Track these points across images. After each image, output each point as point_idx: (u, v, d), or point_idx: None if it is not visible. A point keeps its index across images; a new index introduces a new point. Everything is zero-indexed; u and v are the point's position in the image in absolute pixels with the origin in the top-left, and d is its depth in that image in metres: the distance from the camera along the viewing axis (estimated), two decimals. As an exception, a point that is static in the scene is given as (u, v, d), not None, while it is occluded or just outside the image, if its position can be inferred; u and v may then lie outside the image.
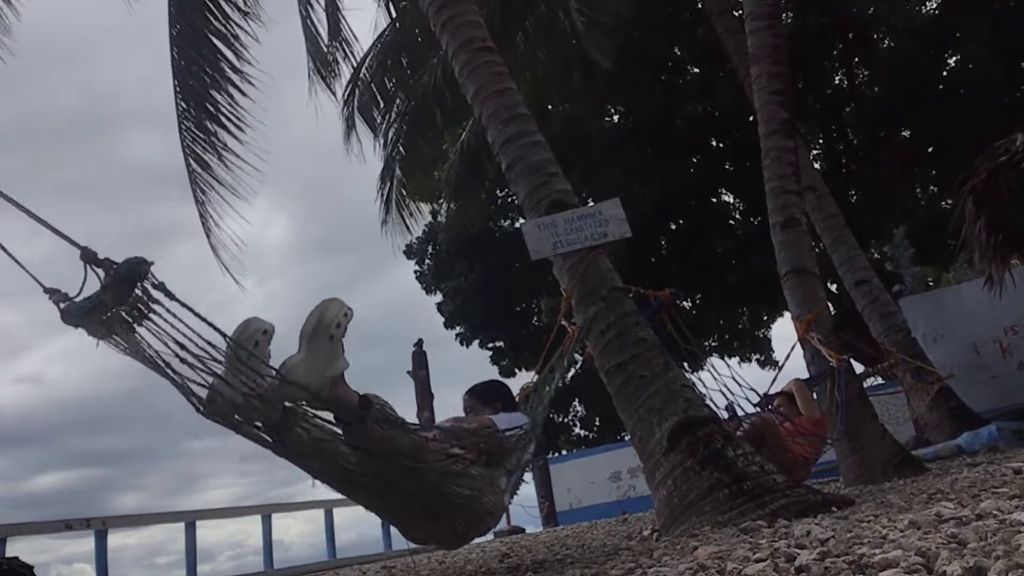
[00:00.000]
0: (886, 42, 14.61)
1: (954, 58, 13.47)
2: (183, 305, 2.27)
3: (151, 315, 2.27)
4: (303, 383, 2.46)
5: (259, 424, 2.50)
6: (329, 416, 2.61)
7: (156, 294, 2.25)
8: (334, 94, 10.04)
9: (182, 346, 2.29)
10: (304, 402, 2.52)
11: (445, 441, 2.84)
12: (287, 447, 2.56)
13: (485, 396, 3.69)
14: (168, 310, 2.27)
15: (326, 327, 2.55)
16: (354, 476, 2.69)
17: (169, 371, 2.33)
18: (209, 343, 2.32)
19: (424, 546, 3.37)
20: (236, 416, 2.44)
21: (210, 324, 2.31)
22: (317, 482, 2.72)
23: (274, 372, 2.43)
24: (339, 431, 2.60)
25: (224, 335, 2.35)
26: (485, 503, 2.90)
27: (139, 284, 2.23)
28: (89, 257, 2.22)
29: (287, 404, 2.50)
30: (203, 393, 2.38)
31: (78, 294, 2.23)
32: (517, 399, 3.85)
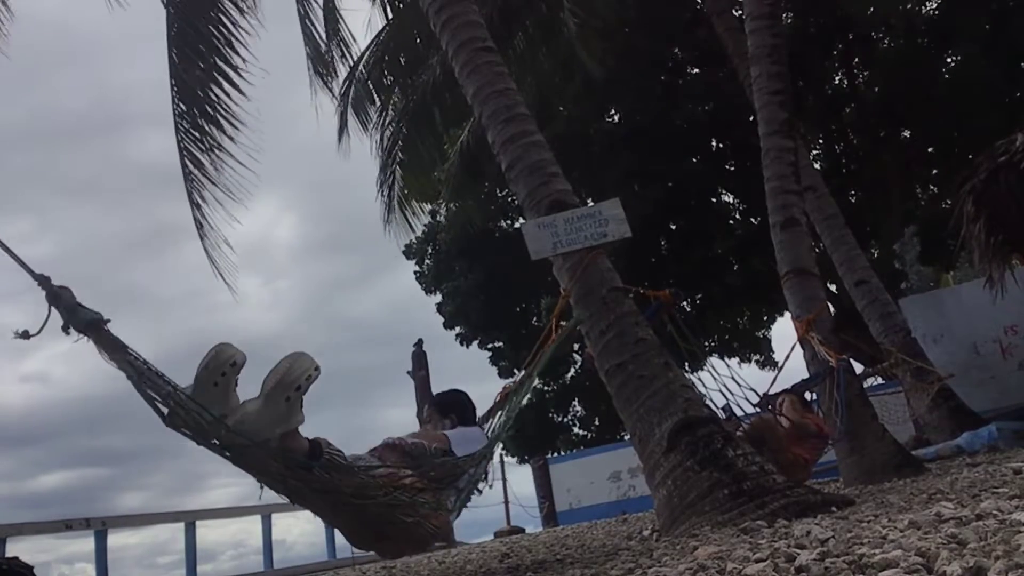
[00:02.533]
0: (886, 42, 14.60)
1: (954, 58, 13.47)
2: (139, 359, 2.46)
3: (111, 351, 2.46)
4: (252, 435, 2.54)
5: (214, 442, 2.58)
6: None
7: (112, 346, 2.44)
8: (336, 93, 10.06)
9: (141, 374, 2.45)
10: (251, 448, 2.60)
11: (396, 472, 2.89)
12: (242, 462, 2.65)
13: (441, 408, 3.72)
14: (127, 352, 2.46)
15: (287, 386, 2.58)
16: (302, 495, 2.81)
17: (134, 383, 2.47)
18: (169, 382, 2.50)
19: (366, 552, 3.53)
20: (193, 433, 2.54)
21: (162, 377, 2.49)
22: (267, 489, 2.79)
23: (223, 425, 2.51)
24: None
25: (175, 388, 2.50)
26: (428, 528, 2.97)
27: (91, 334, 2.43)
28: (52, 297, 2.38)
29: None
30: (165, 407, 2.51)
31: (39, 331, 2.39)
32: (494, 401, 3.87)
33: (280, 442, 2.59)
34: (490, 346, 17.17)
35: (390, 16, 10.34)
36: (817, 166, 13.18)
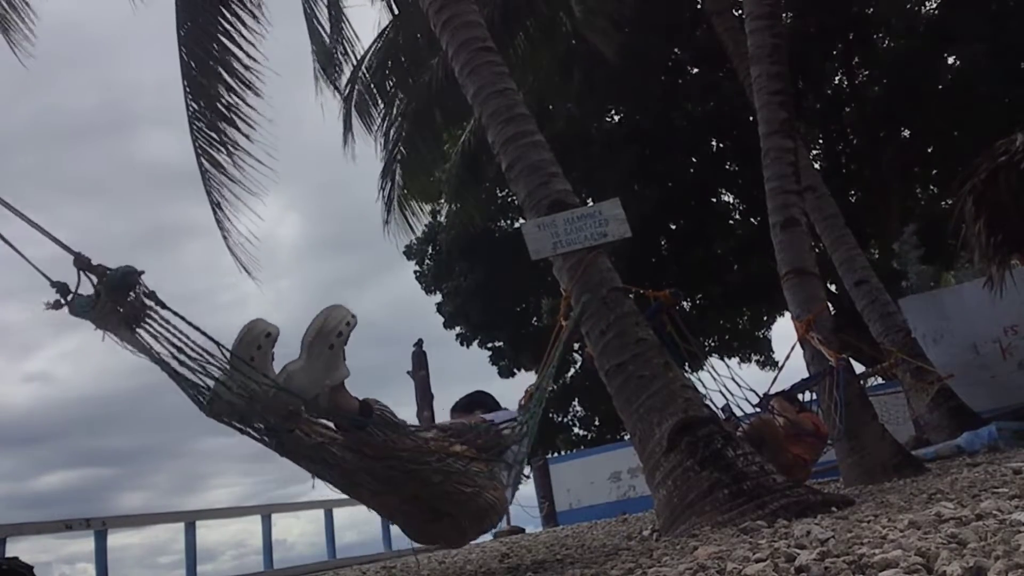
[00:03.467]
0: (886, 42, 14.61)
1: (954, 58, 13.47)
2: (175, 314, 2.31)
3: (146, 320, 2.30)
4: (300, 392, 2.46)
5: (259, 426, 2.51)
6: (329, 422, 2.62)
7: (148, 302, 2.29)
8: (339, 93, 10.07)
9: (179, 349, 2.32)
10: (303, 408, 2.52)
11: (445, 439, 2.85)
12: (287, 449, 2.57)
13: (468, 407, 3.72)
14: (162, 316, 2.31)
15: (327, 335, 2.54)
16: (356, 478, 2.70)
17: (170, 371, 2.36)
18: (206, 349, 2.35)
19: (428, 546, 3.38)
20: (236, 418, 2.46)
21: (203, 332, 2.34)
22: (318, 481, 2.71)
23: (271, 381, 2.43)
24: (338, 436, 2.60)
25: (218, 344, 2.38)
26: (487, 499, 2.90)
27: (131, 292, 2.28)
28: (83, 264, 2.26)
29: (287, 409, 2.50)
30: (204, 393, 2.40)
31: (73, 295, 2.26)
32: (519, 402, 3.87)
33: (330, 399, 2.53)
34: (490, 346, 17.17)
35: (396, 12, 10.34)
36: (817, 166, 13.18)
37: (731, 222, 16.15)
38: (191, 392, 2.41)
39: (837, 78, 15.31)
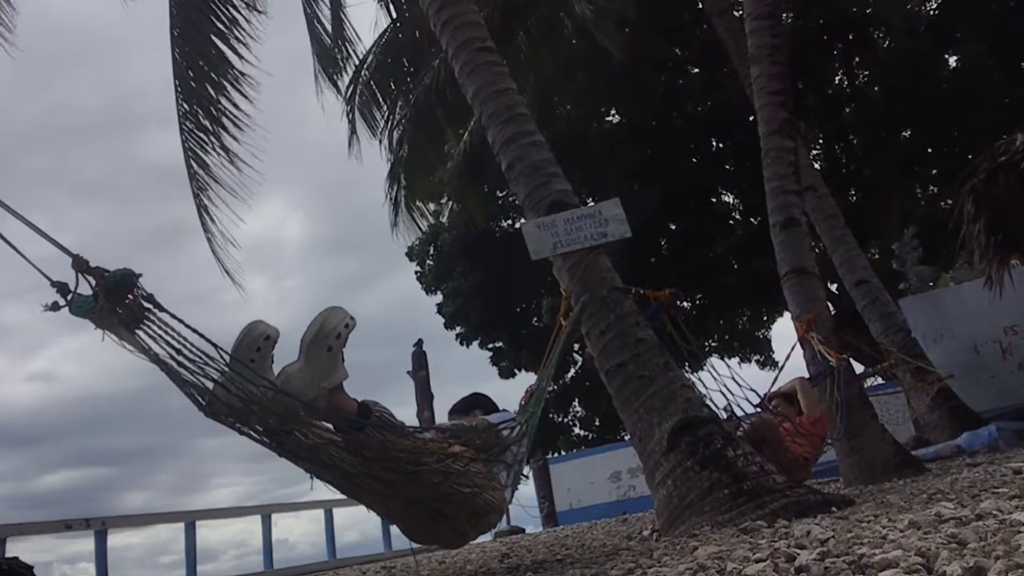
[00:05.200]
0: (886, 42, 14.61)
1: (954, 58, 13.48)
2: (173, 316, 2.32)
3: (145, 322, 2.32)
4: (299, 394, 2.47)
5: (258, 427, 2.52)
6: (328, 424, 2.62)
7: (147, 304, 2.31)
8: (342, 94, 10.08)
9: (178, 351, 2.33)
10: (301, 410, 2.52)
11: (444, 440, 2.85)
12: (286, 450, 2.57)
13: (465, 409, 3.71)
14: (160, 319, 2.32)
15: (325, 337, 2.54)
16: (355, 480, 2.70)
17: (169, 372, 2.37)
18: (204, 351, 2.36)
19: (427, 546, 3.38)
20: (234, 419, 2.47)
21: (201, 335, 2.36)
22: (317, 481, 2.72)
23: (269, 383, 2.44)
24: (337, 438, 2.61)
25: (216, 346, 2.39)
26: (486, 499, 2.90)
27: (129, 295, 2.29)
28: (81, 266, 2.27)
29: (286, 410, 2.50)
30: (204, 394, 2.41)
31: (73, 296, 2.28)
32: (520, 402, 3.87)
33: (328, 401, 2.53)
34: (490, 346, 17.17)
35: (394, 15, 10.35)
36: (817, 166, 13.18)
37: (731, 222, 16.16)
38: (190, 393, 2.41)
39: (837, 78, 15.32)
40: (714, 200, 16.00)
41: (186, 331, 2.34)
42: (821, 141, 15.93)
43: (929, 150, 14.87)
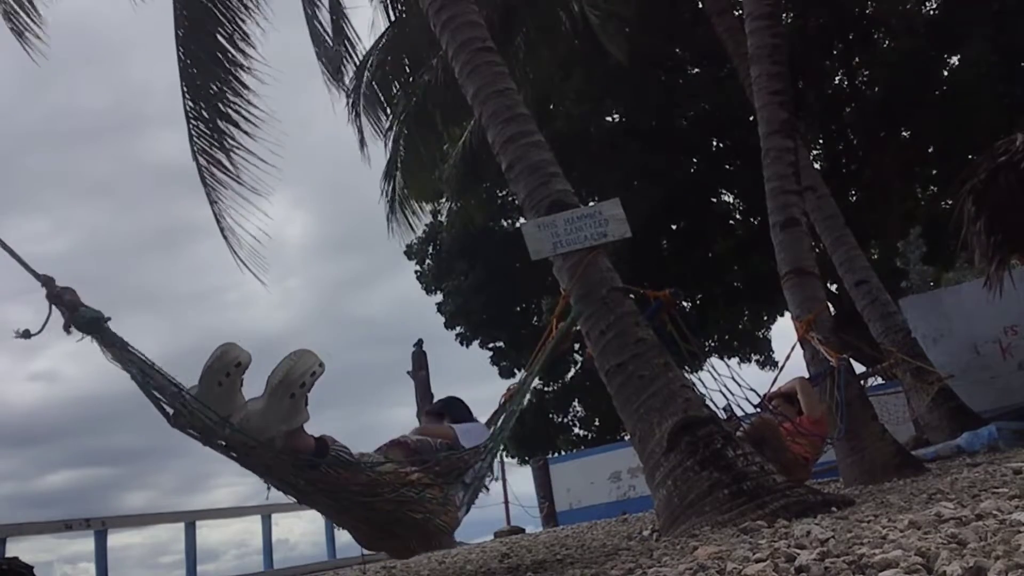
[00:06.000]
0: (886, 42, 14.61)
1: (954, 58, 13.47)
2: (141, 357, 2.46)
3: (114, 349, 2.46)
4: (256, 434, 2.53)
5: (221, 443, 2.60)
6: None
7: (114, 344, 2.46)
8: (346, 94, 10.09)
9: (145, 374, 2.46)
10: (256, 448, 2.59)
11: (403, 468, 2.88)
12: (247, 464, 2.67)
13: (437, 413, 3.76)
14: (129, 352, 2.46)
15: (291, 384, 2.56)
16: (310, 496, 2.82)
17: (139, 383, 2.49)
18: (172, 380, 2.49)
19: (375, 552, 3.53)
20: (198, 432, 2.55)
21: (165, 376, 2.49)
22: (273, 489, 2.80)
23: (227, 424, 2.51)
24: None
25: (180, 388, 2.50)
26: (437, 524, 2.97)
27: (97, 335, 2.43)
28: (54, 297, 2.39)
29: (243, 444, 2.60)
30: (170, 406, 2.52)
31: (40, 330, 2.40)
32: (499, 402, 3.89)
33: (285, 441, 2.57)
34: (491, 346, 17.17)
35: (393, 18, 10.36)
36: (817, 166, 13.18)
37: (731, 222, 16.16)
38: (157, 403, 2.50)
39: (837, 78, 15.31)
40: (714, 200, 15.99)
41: (153, 360, 2.48)
42: (821, 141, 15.92)
43: (929, 150, 14.86)
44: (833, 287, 13.48)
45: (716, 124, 14.53)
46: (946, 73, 13.52)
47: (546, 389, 17.20)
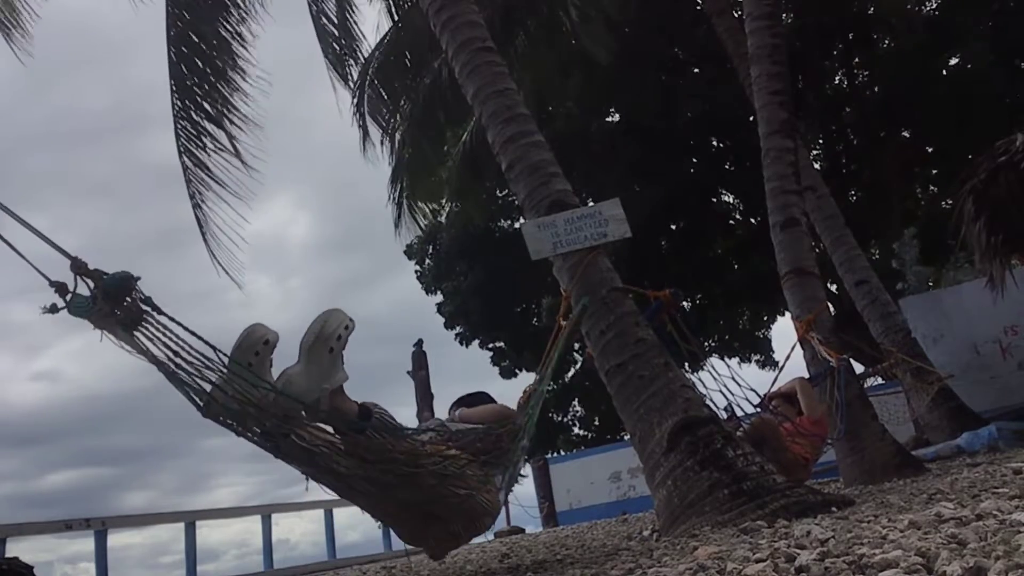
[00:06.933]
0: (886, 42, 14.61)
1: (954, 58, 13.47)
2: (171, 319, 2.33)
3: (143, 324, 2.33)
4: (299, 396, 2.48)
5: (256, 429, 2.52)
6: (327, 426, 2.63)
7: (145, 307, 2.32)
8: (351, 94, 10.10)
9: (175, 353, 2.34)
10: (302, 412, 2.53)
11: (441, 443, 2.85)
12: (283, 452, 2.58)
13: (468, 404, 3.71)
14: (158, 321, 2.33)
15: (326, 339, 2.55)
16: (350, 482, 2.71)
17: (167, 372, 2.37)
18: (203, 353, 2.37)
19: (419, 548, 3.41)
20: (232, 420, 2.47)
21: (199, 337, 2.36)
22: (315, 482, 2.72)
23: (269, 386, 2.44)
24: (336, 439, 2.61)
25: (216, 349, 2.39)
26: (480, 502, 2.91)
27: (127, 298, 2.30)
28: (79, 268, 2.28)
29: (285, 412, 2.51)
30: (202, 395, 2.42)
31: (72, 296, 2.28)
32: (518, 402, 3.87)
33: (330, 402, 2.54)
34: (491, 346, 17.17)
35: (396, 18, 10.36)
36: (817, 166, 13.18)
37: (731, 222, 16.16)
38: (187, 393, 2.42)
39: (837, 78, 15.32)
40: (714, 200, 16.00)
41: (184, 333, 2.34)
42: (821, 141, 15.93)
43: (929, 150, 14.86)
44: (833, 287, 13.48)
45: (716, 124, 14.53)
46: (946, 73, 13.51)
47: (546, 389, 17.20)
